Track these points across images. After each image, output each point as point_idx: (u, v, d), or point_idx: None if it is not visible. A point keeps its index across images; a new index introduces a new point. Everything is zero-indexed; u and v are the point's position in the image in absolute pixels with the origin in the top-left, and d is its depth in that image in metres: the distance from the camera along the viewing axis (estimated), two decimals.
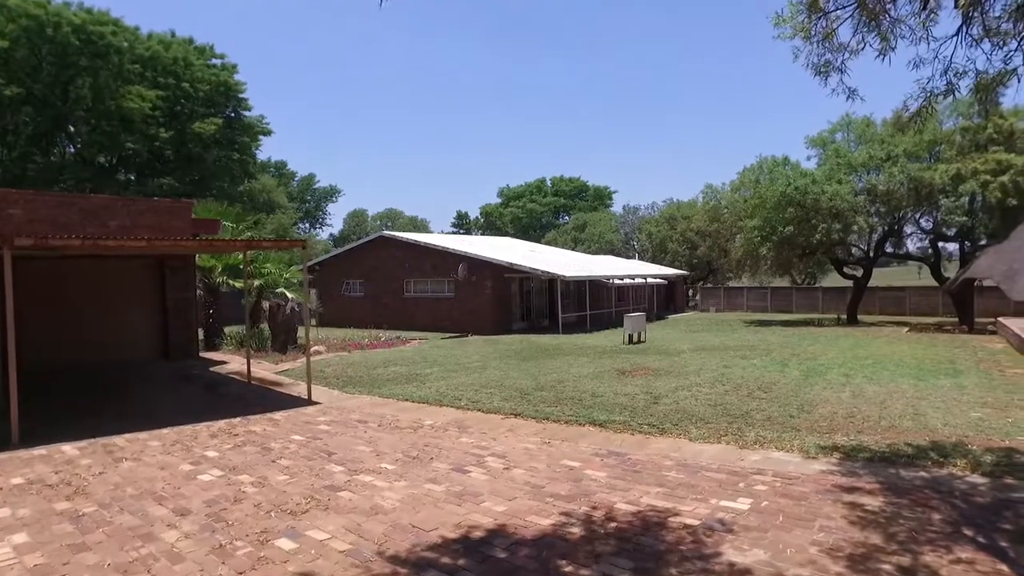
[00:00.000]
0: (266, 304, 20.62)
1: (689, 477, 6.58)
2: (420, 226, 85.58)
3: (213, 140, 38.91)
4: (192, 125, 37.75)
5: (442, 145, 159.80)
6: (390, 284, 32.72)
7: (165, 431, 9.05)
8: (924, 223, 29.85)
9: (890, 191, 27.17)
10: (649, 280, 39.98)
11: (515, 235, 66.79)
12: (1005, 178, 24.80)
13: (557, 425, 9.20)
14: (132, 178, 39.40)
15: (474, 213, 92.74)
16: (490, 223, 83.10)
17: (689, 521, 5.36)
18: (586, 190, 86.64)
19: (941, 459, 7.02)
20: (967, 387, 11.85)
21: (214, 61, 39.83)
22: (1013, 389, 11.62)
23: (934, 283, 34.17)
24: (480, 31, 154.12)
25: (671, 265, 48.50)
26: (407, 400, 11.41)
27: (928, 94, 6.19)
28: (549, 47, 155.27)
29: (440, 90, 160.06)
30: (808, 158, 31.52)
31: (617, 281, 34.65)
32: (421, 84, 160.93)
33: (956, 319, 29.86)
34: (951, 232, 28.77)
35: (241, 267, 23.24)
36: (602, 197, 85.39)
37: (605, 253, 53.28)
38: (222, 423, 9.60)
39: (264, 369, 16.02)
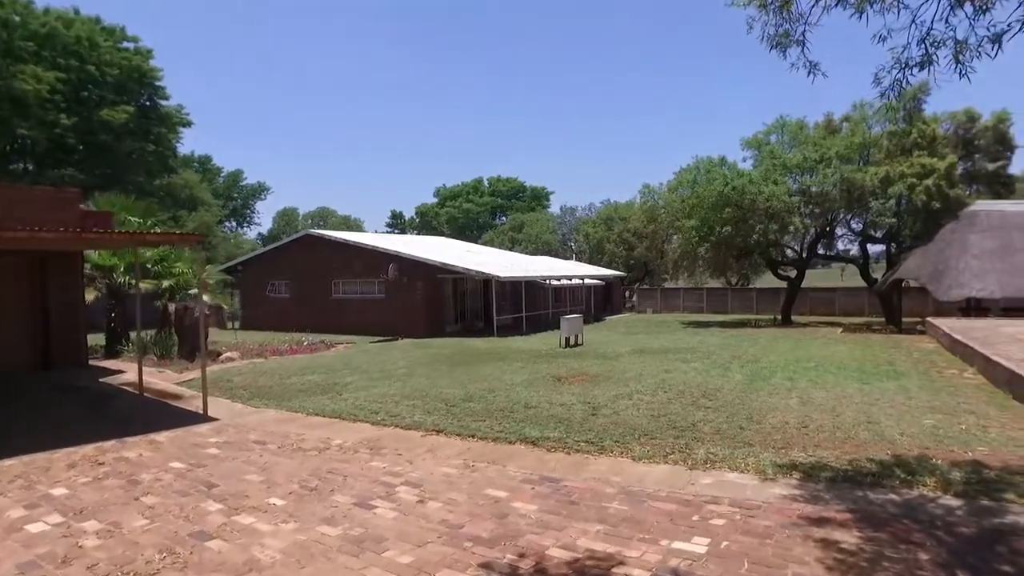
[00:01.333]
0: (172, 306, 18.77)
1: (634, 509, 5.61)
2: (353, 225, 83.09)
3: (126, 130, 36.08)
4: (100, 112, 34.82)
5: (377, 143, 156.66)
6: (318, 285, 31.01)
7: (9, 462, 7.48)
8: (855, 225, 30.25)
9: (823, 192, 27.34)
10: (586, 281, 39.44)
11: (452, 235, 65.46)
12: (929, 181, 25.20)
13: (484, 443, 8.12)
14: (30, 168, 36.08)
15: (409, 213, 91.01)
16: (426, 223, 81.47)
17: (636, 573, 4.37)
18: (523, 190, 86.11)
19: (908, 477, 6.30)
20: (911, 390, 11.41)
21: (126, 44, 36.88)
22: (955, 392, 11.24)
23: (861, 284, 34.83)
24: (416, 29, 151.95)
25: (608, 266, 48.23)
26: (318, 415, 10.12)
27: (903, 65, 5.39)
28: (486, 46, 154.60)
29: (376, 88, 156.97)
30: (744, 159, 31.57)
31: (554, 282, 33.93)
32: (356, 81, 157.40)
33: (883, 319, 30.41)
34: (879, 234, 29.19)
35: (149, 266, 21.36)
36: (539, 198, 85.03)
37: (542, 254, 52.65)
38: (90, 448, 8.10)
39: (165, 379, 14.38)
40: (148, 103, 39.17)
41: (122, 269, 19.55)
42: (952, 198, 25.22)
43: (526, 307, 30.80)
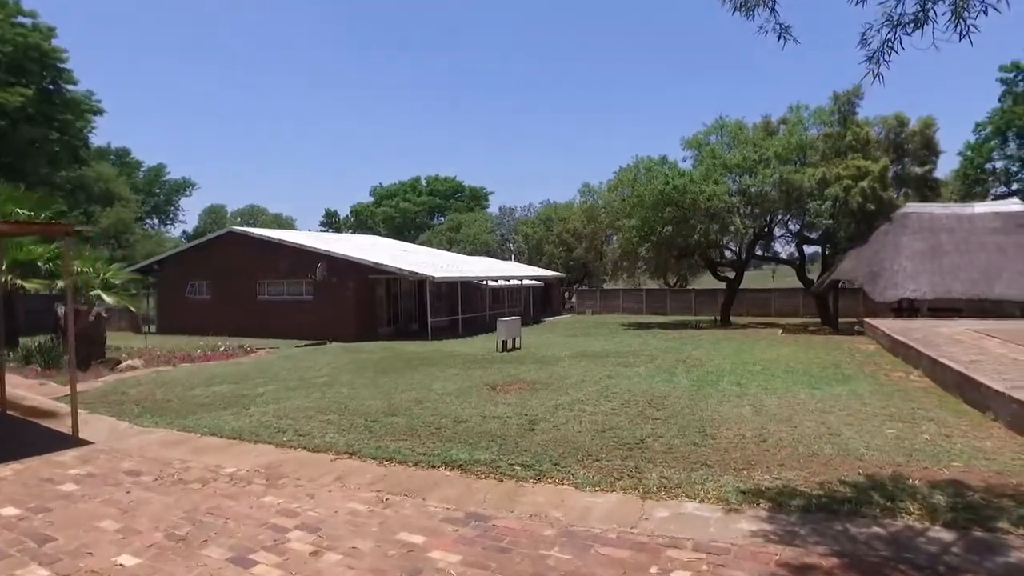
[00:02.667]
0: (60, 309, 16.82)
1: (579, 558, 4.57)
2: (285, 224, 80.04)
3: (23, 115, 32.95)
4: None
5: (312, 141, 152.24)
6: (242, 286, 29.06)
7: None
8: (792, 226, 30.40)
9: (763, 193, 27.27)
10: (525, 282, 38.59)
11: (388, 235, 63.57)
12: (864, 183, 25.40)
13: (404, 468, 6.95)
14: None
15: (345, 212, 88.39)
16: (361, 223, 79.14)
17: None
18: (462, 190, 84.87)
19: (888, 503, 5.50)
20: (864, 395, 10.84)
21: (21, 20, 33.67)
22: (906, 396, 10.73)
23: (796, 285, 35.23)
24: (354, 24, 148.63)
25: (547, 267, 47.63)
26: (215, 435, 8.72)
27: (894, 23, 4.55)
28: (426, 43, 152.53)
29: (311, 84, 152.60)
30: (684, 159, 31.33)
31: (491, 283, 32.90)
32: (291, 78, 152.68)
33: (819, 319, 30.67)
34: (815, 235, 29.35)
35: (41, 264, 19.27)
36: (478, 198, 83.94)
37: (481, 254, 51.65)
38: None
39: (44, 392, 12.63)
40: (51, 87, 35.96)
41: (3, 267, 17.44)
42: (885, 200, 25.50)
43: (462, 309, 29.65)
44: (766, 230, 30.34)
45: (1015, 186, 28.39)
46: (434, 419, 9.41)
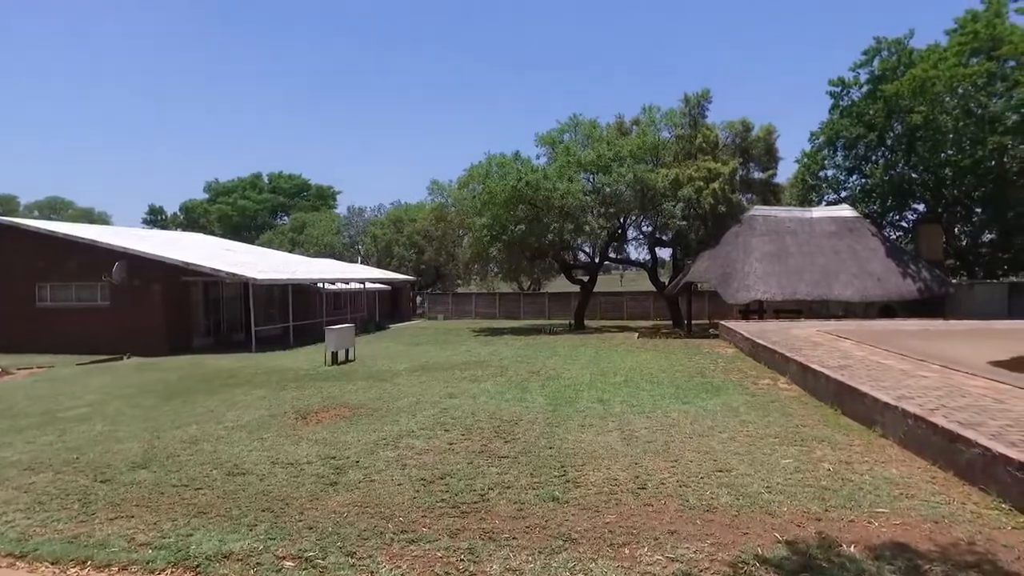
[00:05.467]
0: None
1: None
2: (97, 220, 70.40)
3: None
4: None
5: (134, 130, 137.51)
6: (15, 289, 23.84)
7: None
8: (645, 228, 30.02)
9: (617, 193, 26.49)
10: (370, 286, 35.67)
11: (225, 235, 57.44)
12: (716, 185, 25.31)
13: None
14: None
15: (173, 208, 79.74)
16: (193, 221, 71.40)
17: None
18: (308, 189, 79.46)
19: None
20: (739, 410, 9.46)
21: None
22: (783, 409, 9.48)
23: (647, 288, 35.20)
24: (195, 8, 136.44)
25: (397, 270, 44.89)
26: None
27: None
28: (268, 31, 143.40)
29: (136, 70, 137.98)
30: (538, 156, 30.04)
31: (329, 286, 29.69)
32: (116, 62, 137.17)
33: (670, 322, 30.54)
34: (667, 237, 29.11)
35: None
36: (325, 197, 78.93)
37: (326, 256, 47.81)
38: None
39: None
40: None
41: None
42: (735, 202, 25.56)
43: (295, 315, 26.30)
44: (620, 232, 29.72)
45: (844, 193, 29.76)
46: (201, 472, 6.71)
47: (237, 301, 26.61)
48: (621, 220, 28.90)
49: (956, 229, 29.28)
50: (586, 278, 31.87)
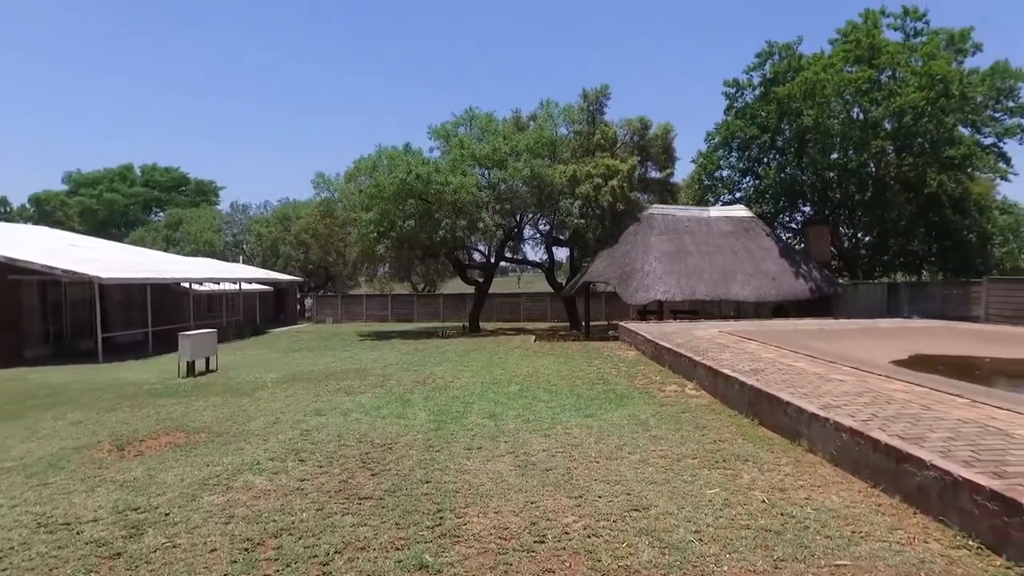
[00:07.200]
0: None
1: None
2: None
3: None
4: None
5: None
6: None
7: None
8: (543, 226, 29.02)
9: (513, 189, 25.30)
10: (250, 287, 32.75)
11: (88, 231, 51.56)
12: (614, 182, 24.63)
13: None
14: None
15: (21, 200, 71.41)
16: (46, 215, 63.89)
17: None
18: (187, 183, 73.55)
19: None
20: (648, 423, 8.30)
21: None
22: (696, 421, 8.41)
23: (545, 289, 34.34)
24: None
25: (284, 270, 41.85)
26: None
27: None
28: (147, 14, 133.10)
29: None
30: (431, 150, 28.41)
31: (200, 287, 26.71)
32: None
33: (567, 324, 29.73)
34: (564, 236, 28.24)
35: None
36: (206, 193, 73.31)
37: (205, 255, 43.96)
38: None
39: None
40: None
41: None
42: (633, 201, 24.97)
43: (158, 320, 23.34)
44: (516, 230, 28.58)
45: (739, 194, 30.05)
46: None
47: (86, 304, 23.24)
48: (517, 218, 27.79)
49: (841, 230, 30.26)
50: (481, 279, 30.54)
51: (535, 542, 4.49)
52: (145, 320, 23.29)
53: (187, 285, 26.93)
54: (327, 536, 4.71)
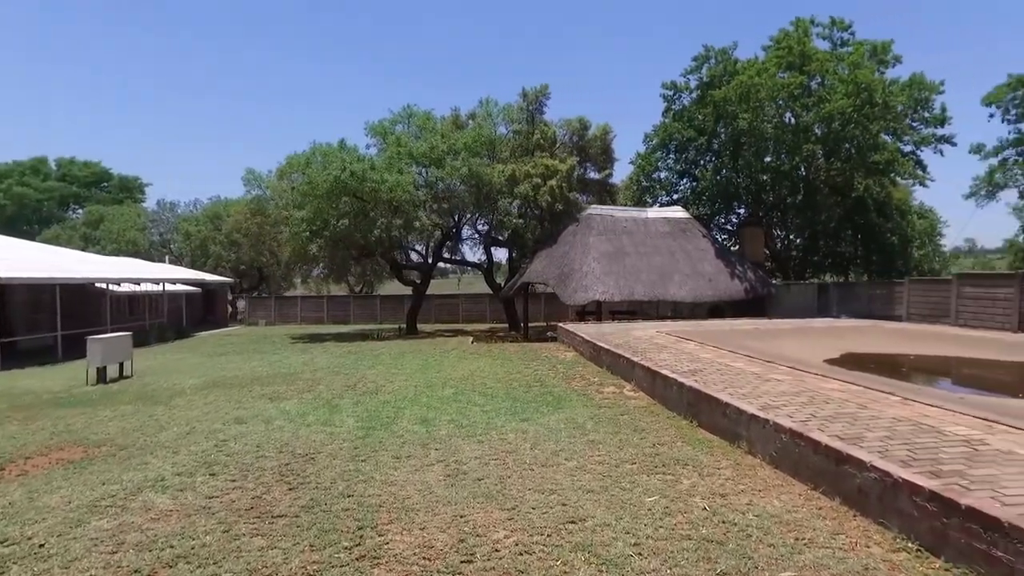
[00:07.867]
0: None
1: None
2: None
3: None
4: None
5: None
6: None
7: None
8: (481, 226, 28.65)
9: (451, 188, 24.85)
10: (176, 288, 31.19)
11: None
12: (553, 182, 24.51)
13: None
14: None
15: None
16: None
17: None
18: (108, 179, 69.88)
19: None
20: (586, 426, 8.03)
21: None
22: (634, 423, 8.20)
23: (483, 290, 33.98)
24: None
25: (214, 271, 40.12)
26: None
27: None
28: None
29: None
30: (368, 147, 27.70)
31: (115, 288, 25.20)
32: None
33: (506, 325, 29.46)
34: (503, 237, 27.97)
35: None
36: (131, 189, 69.80)
37: (129, 255, 41.71)
38: None
39: None
40: None
41: None
42: (572, 201, 24.89)
43: (69, 323, 21.84)
44: (455, 230, 28.14)
45: (676, 195, 30.40)
46: None
47: None
48: (455, 218, 27.36)
49: (774, 232, 31.01)
50: (419, 280, 29.94)
51: (462, 562, 4.12)
52: (54, 323, 21.74)
53: (104, 286, 25.37)
54: (230, 563, 4.21)
